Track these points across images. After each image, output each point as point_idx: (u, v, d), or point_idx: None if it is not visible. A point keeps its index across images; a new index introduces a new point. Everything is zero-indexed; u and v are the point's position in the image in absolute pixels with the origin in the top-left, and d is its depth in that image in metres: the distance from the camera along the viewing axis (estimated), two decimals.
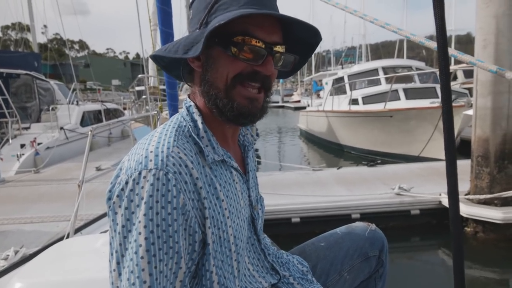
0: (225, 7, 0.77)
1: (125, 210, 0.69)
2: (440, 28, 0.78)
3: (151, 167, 0.70)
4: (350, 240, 1.22)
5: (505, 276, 3.51)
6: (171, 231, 0.69)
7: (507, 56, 3.56)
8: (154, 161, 0.70)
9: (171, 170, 0.70)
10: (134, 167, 0.71)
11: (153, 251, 0.67)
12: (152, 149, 0.73)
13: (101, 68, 40.80)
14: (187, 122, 0.82)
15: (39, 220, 4.15)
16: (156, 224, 0.67)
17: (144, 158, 0.71)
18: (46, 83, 10.37)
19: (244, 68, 0.78)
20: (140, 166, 0.70)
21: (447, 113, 0.82)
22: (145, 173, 0.69)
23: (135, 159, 0.73)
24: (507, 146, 3.79)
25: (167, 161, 0.71)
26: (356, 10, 1.56)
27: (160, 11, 2.50)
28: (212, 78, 0.80)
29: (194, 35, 0.79)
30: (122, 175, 0.72)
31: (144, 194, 0.68)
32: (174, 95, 2.81)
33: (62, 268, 1.43)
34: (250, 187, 0.93)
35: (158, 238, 0.68)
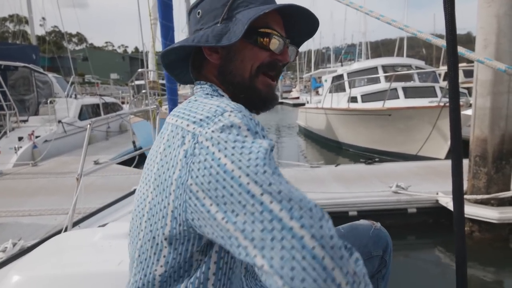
0: (247, 4, 0.84)
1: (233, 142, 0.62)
2: (450, 26, 0.78)
3: (231, 109, 0.67)
4: (353, 238, 1.19)
5: (500, 275, 3.52)
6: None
7: (508, 56, 3.55)
8: (230, 106, 0.68)
9: (247, 113, 0.69)
10: (212, 114, 0.67)
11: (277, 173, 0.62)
12: (217, 103, 0.71)
13: (99, 62, 40.61)
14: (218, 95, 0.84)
15: (37, 213, 4.14)
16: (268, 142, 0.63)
17: (217, 107, 0.69)
18: (44, 76, 10.32)
19: (266, 58, 0.85)
20: (217, 111, 0.67)
21: (455, 111, 0.81)
22: (228, 113, 0.66)
23: (203, 113, 0.69)
24: (505, 146, 3.80)
25: (240, 107, 0.70)
26: (361, 6, 1.55)
27: (161, 4, 2.48)
28: (236, 69, 0.84)
29: (219, 28, 0.83)
30: (193, 129, 0.67)
31: (240, 123, 0.64)
32: (174, 90, 2.80)
33: (60, 262, 1.43)
34: None
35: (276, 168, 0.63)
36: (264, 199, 0.58)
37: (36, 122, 8.84)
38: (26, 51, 11.13)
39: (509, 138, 3.82)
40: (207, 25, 0.85)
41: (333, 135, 10.71)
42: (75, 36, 68.90)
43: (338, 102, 10.32)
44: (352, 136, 9.65)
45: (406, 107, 7.61)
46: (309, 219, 0.56)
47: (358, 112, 8.92)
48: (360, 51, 36.00)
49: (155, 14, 6.62)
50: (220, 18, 0.84)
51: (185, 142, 0.67)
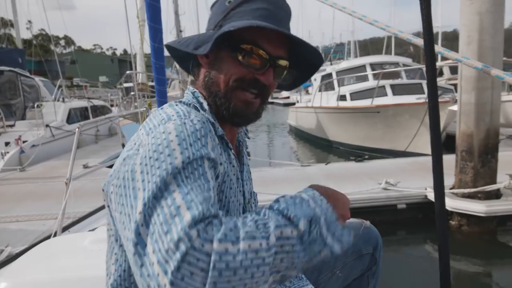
0: (240, 15, 0.83)
1: (152, 146, 0.65)
2: (427, 26, 0.80)
3: (175, 118, 0.71)
4: None
5: (488, 268, 3.59)
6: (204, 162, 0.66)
7: (491, 52, 3.62)
8: (177, 115, 0.72)
9: (195, 119, 0.72)
10: (157, 123, 0.71)
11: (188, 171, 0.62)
12: (171, 111, 0.75)
13: (87, 65, 40.17)
14: (193, 103, 0.86)
15: (25, 219, 4.09)
16: (192, 152, 0.64)
17: (166, 115, 0.73)
18: (31, 79, 10.18)
19: (246, 74, 0.83)
20: (163, 121, 0.71)
21: (433, 109, 0.84)
22: (169, 122, 0.70)
23: (154, 122, 0.73)
24: (490, 141, 3.87)
25: (189, 115, 0.73)
26: (345, 7, 1.57)
27: (149, 6, 2.47)
28: (215, 77, 0.86)
29: (208, 34, 0.85)
30: (142, 136, 0.70)
31: (172, 130, 0.67)
32: (163, 92, 2.79)
33: (49, 267, 1.42)
34: (244, 178, 0.95)
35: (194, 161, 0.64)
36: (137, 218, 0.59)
37: (23, 126, 8.71)
38: (12, 55, 10.96)
39: (494, 132, 3.89)
40: (208, 28, 0.89)
41: (323, 134, 10.77)
42: (62, 39, 68.08)
43: (328, 100, 10.38)
44: (342, 134, 9.72)
45: (394, 104, 7.69)
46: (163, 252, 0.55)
47: (347, 110, 8.99)
48: (348, 50, 36.20)
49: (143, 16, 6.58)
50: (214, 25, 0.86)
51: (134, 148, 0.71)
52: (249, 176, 1.02)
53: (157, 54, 2.53)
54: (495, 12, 3.57)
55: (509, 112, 8.65)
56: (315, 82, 12.63)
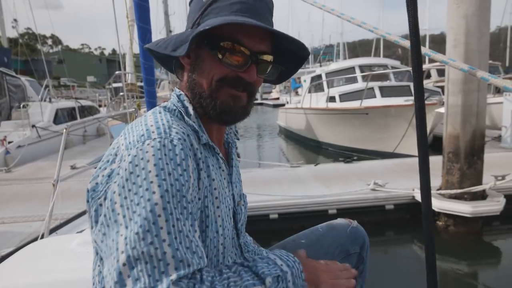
0: (217, 11, 0.80)
1: (130, 175, 0.66)
2: (413, 28, 0.81)
3: (155, 137, 0.70)
4: (331, 237, 1.23)
5: (474, 267, 3.65)
6: (184, 191, 0.68)
7: (477, 55, 3.68)
8: (157, 132, 0.71)
9: (176, 137, 0.71)
10: (136, 140, 0.70)
11: (170, 210, 0.64)
12: (152, 123, 0.74)
13: (75, 64, 39.71)
14: (178, 107, 0.84)
15: (11, 221, 4.02)
16: (170, 184, 0.66)
17: (146, 131, 0.72)
18: (16, 79, 10.01)
19: (228, 73, 0.81)
20: (142, 137, 0.70)
21: (420, 111, 0.85)
22: (149, 141, 0.69)
23: (135, 134, 0.72)
24: (476, 142, 3.93)
25: (170, 131, 0.72)
26: (333, 9, 1.58)
27: (137, 7, 2.46)
28: (198, 78, 0.84)
29: (186, 34, 0.82)
30: (122, 151, 0.71)
31: (151, 157, 0.67)
32: (152, 92, 2.78)
33: (36, 270, 1.40)
34: (233, 181, 0.95)
35: (173, 197, 0.66)
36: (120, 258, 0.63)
37: (8, 127, 8.57)
38: None
39: (480, 134, 3.95)
40: (187, 27, 0.86)
41: (313, 135, 10.82)
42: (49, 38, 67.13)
43: (317, 102, 10.43)
44: (331, 135, 9.77)
45: (383, 106, 7.76)
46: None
47: (337, 111, 9.05)
48: (338, 52, 36.49)
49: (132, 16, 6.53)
50: (192, 23, 0.83)
51: (115, 161, 0.71)
52: (239, 178, 1.02)
53: (146, 54, 2.52)
54: (481, 15, 3.63)
55: (495, 114, 8.82)
56: (305, 84, 12.68)
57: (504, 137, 7.54)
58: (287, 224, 4.15)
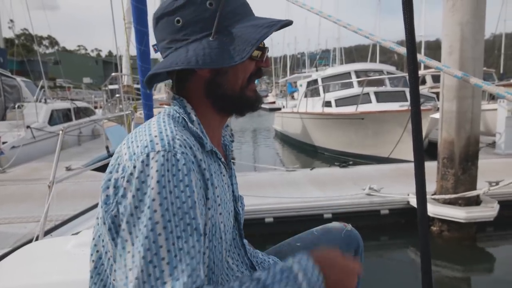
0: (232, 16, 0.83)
1: (136, 191, 0.68)
2: (409, 35, 0.83)
3: (159, 149, 0.70)
4: (326, 240, 1.24)
5: (468, 273, 3.67)
6: (186, 208, 0.69)
7: (471, 62, 3.72)
8: (161, 144, 0.72)
9: (179, 151, 0.72)
10: (140, 151, 0.71)
11: (170, 228, 0.67)
12: (156, 133, 0.74)
13: (71, 65, 39.61)
14: (181, 114, 0.84)
15: (5, 222, 3.99)
16: (171, 202, 0.68)
17: (150, 142, 0.72)
18: (12, 80, 9.96)
19: (254, 68, 0.88)
20: (146, 149, 0.71)
21: (416, 116, 0.86)
22: (153, 155, 0.70)
23: (139, 145, 0.73)
24: (470, 148, 3.96)
25: (174, 143, 0.72)
26: (330, 15, 1.60)
27: (135, 9, 2.46)
28: (227, 82, 0.85)
29: (215, 44, 0.80)
30: (126, 161, 0.72)
31: (154, 174, 0.68)
32: (149, 95, 2.78)
33: (31, 271, 1.40)
34: (233, 182, 0.97)
35: (174, 215, 0.67)
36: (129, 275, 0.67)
37: (3, 127, 8.51)
38: None
39: (474, 140, 3.99)
40: (194, 36, 0.82)
41: (309, 139, 10.85)
42: (46, 39, 66.85)
43: (313, 106, 10.47)
44: (327, 139, 9.80)
45: (378, 111, 7.80)
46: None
47: (332, 116, 9.09)
48: (334, 57, 36.67)
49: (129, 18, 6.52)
50: (213, 31, 0.80)
51: (118, 171, 0.73)
52: (236, 180, 1.03)
53: (143, 57, 2.52)
54: (475, 23, 3.68)
55: (489, 121, 8.90)
56: (301, 88, 12.73)
57: (498, 144, 7.60)
58: (282, 228, 4.15)
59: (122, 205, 0.70)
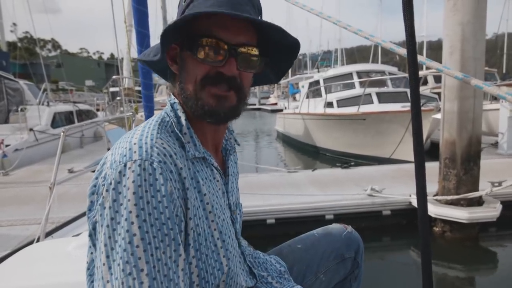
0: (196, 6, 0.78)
1: (113, 202, 0.68)
2: (410, 36, 0.82)
3: (136, 158, 0.70)
4: (326, 242, 1.24)
5: (471, 273, 3.65)
6: (163, 218, 0.68)
7: (472, 62, 3.71)
8: (139, 152, 0.71)
9: (156, 160, 0.71)
10: (118, 160, 0.71)
11: (148, 239, 0.66)
12: (136, 141, 0.73)
13: (74, 68, 39.73)
14: (170, 118, 0.83)
15: (7, 224, 4.01)
16: (148, 213, 0.67)
17: (128, 150, 0.71)
18: (15, 83, 9.99)
19: (209, 70, 0.79)
20: (124, 158, 0.70)
21: (416, 117, 0.86)
22: (130, 164, 0.69)
23: (119, 152, 0.73)
24: (472, 148, 3.95)
25: (151, 152, 0.71)
26: (330, 16, 1.60)
27: (136, 12, 2.47)
28: (184, 81, 0.83)
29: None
30: (107, 169, 0.72)
31: (131, 185, 0.68)
32: (150, 97, 2.79)
33: (32, 273, 1.40)
34: (229, 190, 0.93)
35: (152, 226, 0.67)
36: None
37: (6, 130, 8.54)
38: None
39: (476, 140, 3.97)
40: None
41: (311, 140, 10.84)
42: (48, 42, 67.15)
43: (315, 107, 10.46)
44: (328, 140, 9.79)
45: (380, 111, 7.80)
46: None
47: (334, 117, 9.08)
48: (336, 58, 36.64)
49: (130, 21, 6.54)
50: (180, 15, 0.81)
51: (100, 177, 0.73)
52: (236, 186, 1.01)
53: None
54: (476, 23, 3.67)
55: (492, 121, 8.88)
56: (303, 89, 12.73)
57: (500, 144, 7.58)
58: (284, 229, 4.15)
59: (99, 214, 0.70)
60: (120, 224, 0.67)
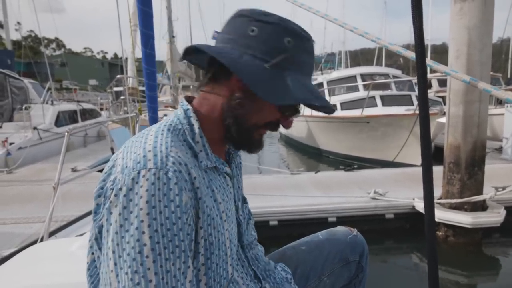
0: (295, 68, 0.80)
1: (123, 209, 0.67)
2: (419, 39, 0.82)
3: (151, 167, 0.69)
4: (331, 244, 1.23)
5: (473, 279, 3.63)
6: (175, 230, 0.68)
7: (478, 66, 3.69)
8: (154, 161, 0.70)
9: (171, 169, 0.70)
10: (132, 166, 0.70)
11: (158, 250, 0.66)
12: (150, 148, 0.72)
13: (77, 68, 39.85)
14: (183, 126, 0.82)
15: (11, 222, 4.02)
16: (160, 223, 0.66)
17: (143, 158, 0.70)
18: (19, 81, 10.04)
19: (275, 118, 0.86)
20: (138, 165, 0.69)
21: (424, 120, 0.85)
22: (144, 172, 0.68)
23: (132, 158, 0.71)
24: (477, 153, 3.93)
25: (167, 161, 0.70)
26: (336, 19, 1.59)
27: (141, 12, 2.46)
28: (247, 112, 0.82)
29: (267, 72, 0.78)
30: (118, 173, 0.71)
31: (144, 193, 0.67)
32: (154, 98, 2.78)
33: (36, 272, 1.40)
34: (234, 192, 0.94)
35: (163, 237, 0.66)
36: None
37: (10, 128, 8.58)
38: (1, 57, 10.84)
39: (481, 145, 3.95)
40: (254, 52, 0.78)
41: (314, 142, 10.82)
42: (53, 42, 67.45)
43: None
44: (332, 143, 9.78)
45: (384, 115, 7.78)
46: None
47: (338, 119, 9.06)
48: (339, 60, 36.62)
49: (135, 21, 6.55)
50: (271, 62, 0.78)
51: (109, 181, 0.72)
52: (240, 186, 1.01)
53: (148, 59, 2.53)
54: (483, 27, 3.66)
55: (496, 126, 8.83)
56: None
57: (505, 149, 7.54)
58: (286, 231, 4.14)
59: (105, 219, 0.69)
60: (129, 232, 0.66)
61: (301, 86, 0.79)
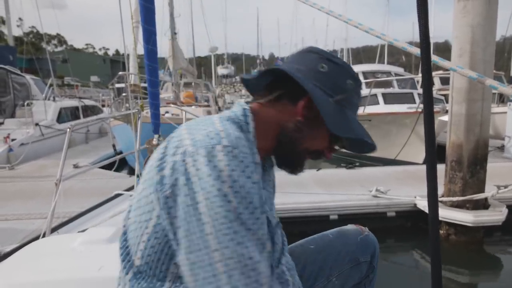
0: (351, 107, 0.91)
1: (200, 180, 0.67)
2: (424, 36, 0.81)
3: (226, 144, 0.69)
4: (341, 244, 1.21)
5: (475, 277, 3.62)
6: (256, 203, 0.69)
7: (481, 65, 3.67)
8: (228, 139, 0.71)
9: (243, 150, 0.71)
10: (205, 140, 0.70)
11: (242, 219, 0.67)
12: (222, 128, 0.73)
13: (79, 64, 39.86)
14: (241, 121, 0.83)
15: (13, 218, 4.03)
16: (242, 196, 0.67)
17: (216, 135, 0.71)
18: (21, 77, 10.06)
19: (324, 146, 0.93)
20: (213, 140, 0.70)
21: (428, 117, 0.84)
22: (220, 148, 0.69)
23: (203, 133, 0.72)
24: (479, 151, 3.91)
25: (238, 142, 0.71)
26: (340, 15, 1.58)
27: (143, 8, 2.46)
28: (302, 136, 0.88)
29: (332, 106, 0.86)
30: (188, 146, 0.71)
31: (224, 167, 0.67)
32: (156, 94, 2.79)
33: (38, 268, 1.40)
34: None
35: (246, 208, 0.67)
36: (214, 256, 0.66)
37: (12, 124, 8.61)
38: (3, 52, 10.83)
39: (483, 143, 3.94)
40: (323, 87, 0.86)
41: None
42: (54, 38, 67.46)
43: None
44: None
45: (386, 112, 7.76)
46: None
47: None
48: (341, 57, 36.49)
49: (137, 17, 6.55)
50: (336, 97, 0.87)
51: (177, 154, 0.71)
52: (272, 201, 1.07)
53: (150, 56, 2.53)
54: (486, 25, 3.63)
55: (498, 124, 8.81)
56: None
57: (507, 147, 7.51)
58: (288, 228, 4.08)
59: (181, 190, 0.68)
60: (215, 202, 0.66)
61: (358, 124, 0.90)
